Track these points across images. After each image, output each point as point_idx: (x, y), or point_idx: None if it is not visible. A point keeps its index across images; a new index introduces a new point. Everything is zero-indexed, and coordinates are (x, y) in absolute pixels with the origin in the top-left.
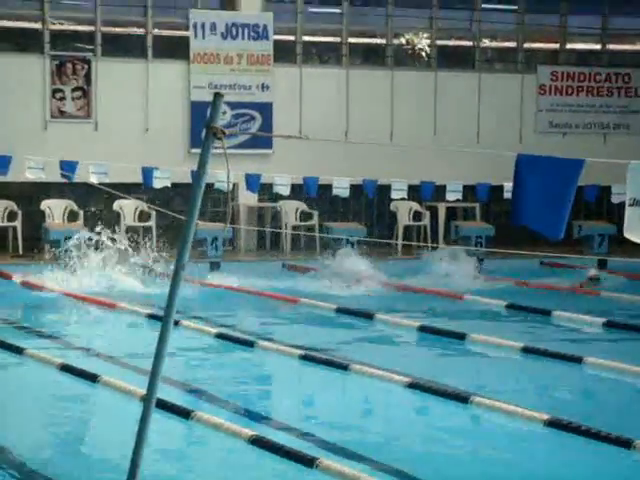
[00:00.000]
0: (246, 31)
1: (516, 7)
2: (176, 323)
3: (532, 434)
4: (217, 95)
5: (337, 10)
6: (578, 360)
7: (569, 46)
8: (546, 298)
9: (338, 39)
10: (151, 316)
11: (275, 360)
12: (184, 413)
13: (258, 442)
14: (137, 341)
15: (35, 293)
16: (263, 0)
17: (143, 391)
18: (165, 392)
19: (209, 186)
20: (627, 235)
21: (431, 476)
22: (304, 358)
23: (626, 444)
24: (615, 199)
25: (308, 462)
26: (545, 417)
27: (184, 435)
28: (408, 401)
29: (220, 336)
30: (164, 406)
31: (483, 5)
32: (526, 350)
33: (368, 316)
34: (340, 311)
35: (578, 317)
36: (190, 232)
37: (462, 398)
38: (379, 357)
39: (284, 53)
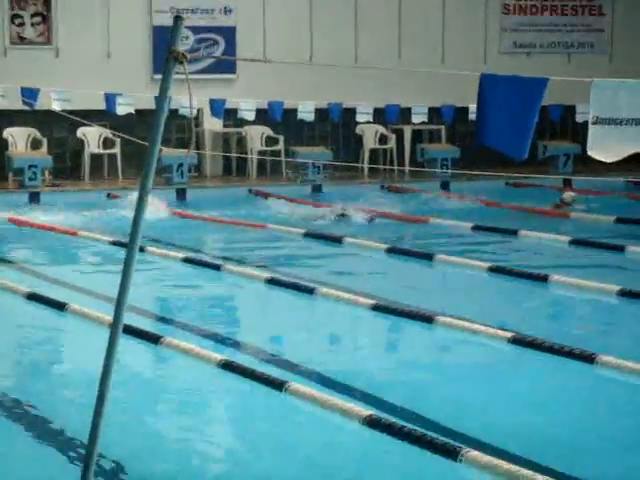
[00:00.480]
0: None
1: None
2: (141, 250)
3: (497, 352)
4: (177, 18)
5: None
6: (544, 278)
7: None
8: (513, 218)
9: None
10: (116, 243)
11: (243, 284)
12: (153, 339)
13: (227, 366)
14: (104, 269)
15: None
16: None
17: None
18: (133, 319)
19: (173, 112)
20: (591, 153)
21: (398, 397)
22: (270, 282)
23: (589, 359)
24: (579, 118)
25: (278, 386)
26: (509, 335)
27: (154, 360)
28: (374, 323)
29: (187, 261)
30: (133, 332)
31: None
32: (492, 270)
33: (336, 240)
34: (308, 235)
35: (544, 236)
36: (153, 158)
37: (427, 318)
38: (346, 281)
39: None
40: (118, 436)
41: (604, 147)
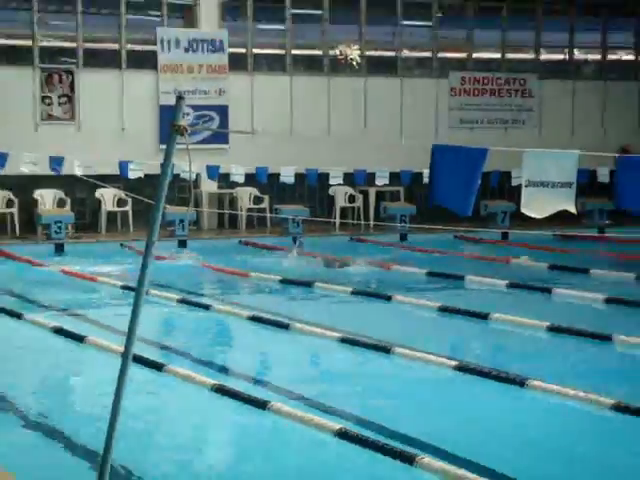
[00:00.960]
0: (205, 45)
1: (430, 23)
2: (146, 292)
3: (444, 377)
4: (179, 98)
5: (281, 27)
6: (485, 316)
7: (475, 55)
8: (460, 265)
9: (283, 51)
10: (125, 287)
11: (230, 321)
12: (157, 366)
13: (220, 390)
14: (118, 308)
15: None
16: (219, 19)
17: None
18: (140, 349)
19: (175, 176)
20: (524, 211)
21: (367, 410)
22: (252, 319)
23: (521, 384)
24: (514, 182)
25: (261, 405)
26: (454, 363)
27: (157, 385)
28: (342, 353)
29: (182, 301)
30: (140, 361)
31: (403, 22)
32: (442, 309)
33: (308, 284)
34: (284, 282)
35: (486, 280)
36: (158, 214)
37: (386, 349)
38: (318, 317)
39: (238, 63)
40: (128, 446)
41: (535, 206)
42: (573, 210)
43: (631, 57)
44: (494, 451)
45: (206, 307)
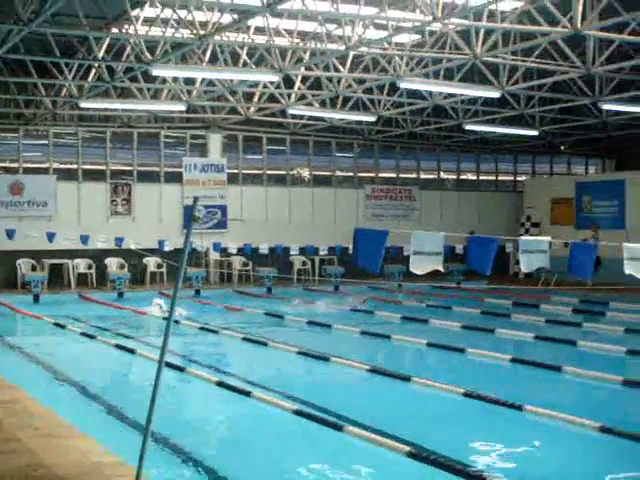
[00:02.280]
0: (212, 168)
1: (352, 155)
2: (176, 322)
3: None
4: (195, 200)
5: (260, 157)
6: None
7: (380, 175)
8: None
9: (261, 171)
10: (165, 318)
11: (230, 341)
12: (180, 369)
13: (222, 385)
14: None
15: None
16: (221, 151)
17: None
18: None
19: (193, 249)
20: (412, 269)
21: (325, 398)
22: (245, 339)
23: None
24: (405, 252)
25: (246, 393)
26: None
27: (180, 381)
28: (299, 362)
29: (202, 329)
30: (171, 366)
31: (336, 154)
32: (362, 332)
33: (280, 316)
34: (267, 314)
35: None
36: (182, 273)
37: (325, 358)
38: (286, 338)
39: (232, 179)
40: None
41: (418, 267)
42: (441, 269)
43: (474, 177)
44: None
45: (216, 332)
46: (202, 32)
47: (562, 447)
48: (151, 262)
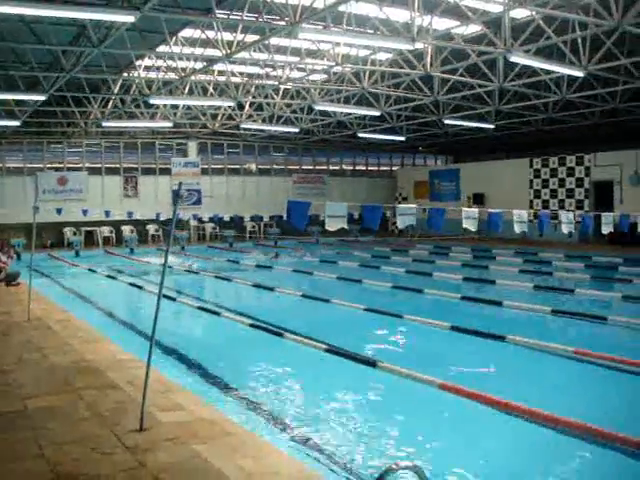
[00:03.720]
0: (191, 164)
1: (283, 154)
2: (170, 267)
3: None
4: (180, 183)
5: (222, 156)
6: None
7: (303, 167)
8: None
9: (223, 166)
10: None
11: (205, 279)
12: (172, 298)
13: (201, 308)
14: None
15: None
16: (197, 152)
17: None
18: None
19: (179, 220)
20: (327, 228)
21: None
22: (216, 277)
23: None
24: (321, 217)
25: (217, 314)
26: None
27: (172, 306)
28: (253, 292)
29: (186, 271)
30: (166, 296)
31: (273, 154)
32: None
33: (237, 262)
34: (229, 261)
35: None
36: (171, 234)
37: (271, 288)
38: (244, 275)
39: (205, 172)
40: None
41: (331, 225)
42: (346, 227)
43: (364, 168)
44: None
45: (197, 272)
46: (183, 74)
47: (426, 338)
48: (151, 228)
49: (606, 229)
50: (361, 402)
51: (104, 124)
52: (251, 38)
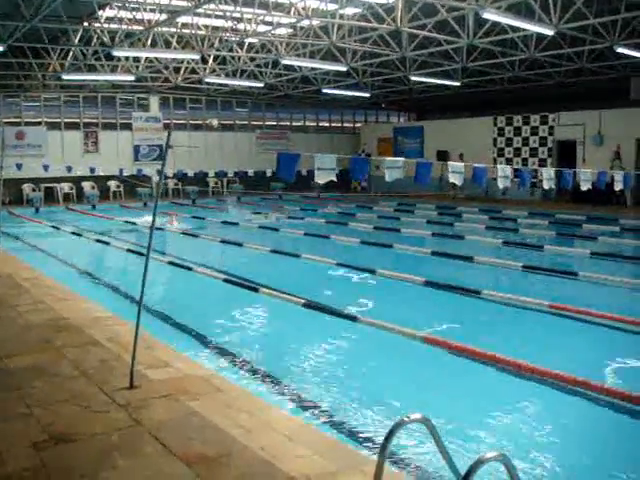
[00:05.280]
0: (153, 119)
1: (247, 110)
2: (133, 223)
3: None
4: (169, 131)
5: (184, 112)
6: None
7: (266, 123)
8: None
9: (185, 122)
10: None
11: (172, 236)
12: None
13: (172, 263)
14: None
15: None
16: (158, 107)
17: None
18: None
19: (143, 175)
20: (317, 180)
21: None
22: (183, 234)
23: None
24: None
25: (189, 268)
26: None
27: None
28: (222, 248)
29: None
30: (136, 252)
31: (237, 109)
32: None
33: (202, 218)
34: (194, 217)
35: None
36: (158, 192)
37: (240, 244)
38: (210, 231)
39: (166, 127)
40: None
41: (321, 178)
42: (335, 180)
43: (327, 125)
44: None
45: (162, 229)
46: (146, 26)
47: (399, 293)
48: (112, 184)
49: (584, 185)
50: (346, 353)
51: (63, 77)
52: None
